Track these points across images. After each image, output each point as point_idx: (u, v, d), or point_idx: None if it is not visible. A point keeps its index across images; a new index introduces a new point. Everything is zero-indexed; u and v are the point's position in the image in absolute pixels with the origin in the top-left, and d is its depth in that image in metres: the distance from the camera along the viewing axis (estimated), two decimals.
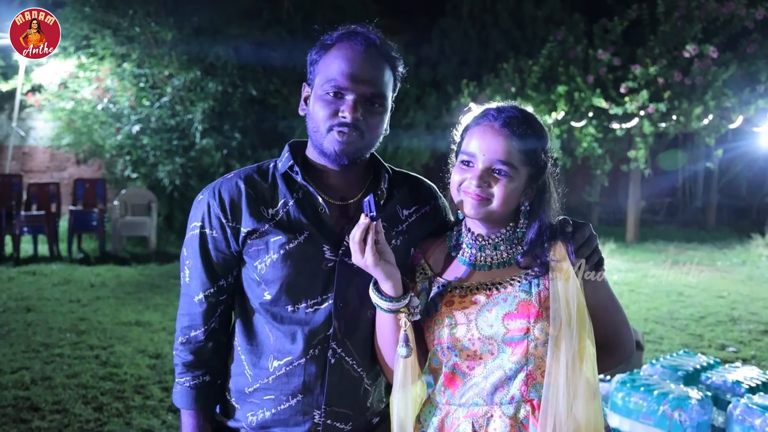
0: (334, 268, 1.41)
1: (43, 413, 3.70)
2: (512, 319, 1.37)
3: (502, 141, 1.38)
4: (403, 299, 1.36)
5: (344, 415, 1.44)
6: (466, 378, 1.41)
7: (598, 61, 10.53)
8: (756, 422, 3.00)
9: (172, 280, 7.60)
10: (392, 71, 1.42)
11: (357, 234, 1.31)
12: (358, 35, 1.39)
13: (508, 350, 1.38)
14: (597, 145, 10.91)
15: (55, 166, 11.35)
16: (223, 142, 10.49)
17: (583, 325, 1.36)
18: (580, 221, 1.47)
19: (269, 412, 1.41)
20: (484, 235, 1.46)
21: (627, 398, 3.31)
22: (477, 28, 12.99)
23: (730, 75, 9.97)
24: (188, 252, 1.45)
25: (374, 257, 1.31)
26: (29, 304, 6.15)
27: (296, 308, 1.40)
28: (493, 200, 1.39)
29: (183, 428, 1.47)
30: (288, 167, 1.45)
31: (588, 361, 1.37)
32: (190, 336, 1.46)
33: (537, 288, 1.39)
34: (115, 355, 4.74)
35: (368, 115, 1.38)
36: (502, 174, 1.38)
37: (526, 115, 1.43)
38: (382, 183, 1.49)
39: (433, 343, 1.44)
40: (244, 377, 1.43)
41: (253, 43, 10.47)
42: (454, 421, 1.41)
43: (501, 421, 1.37)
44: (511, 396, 1.38)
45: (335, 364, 1.41)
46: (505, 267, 1.44)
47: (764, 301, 7.42)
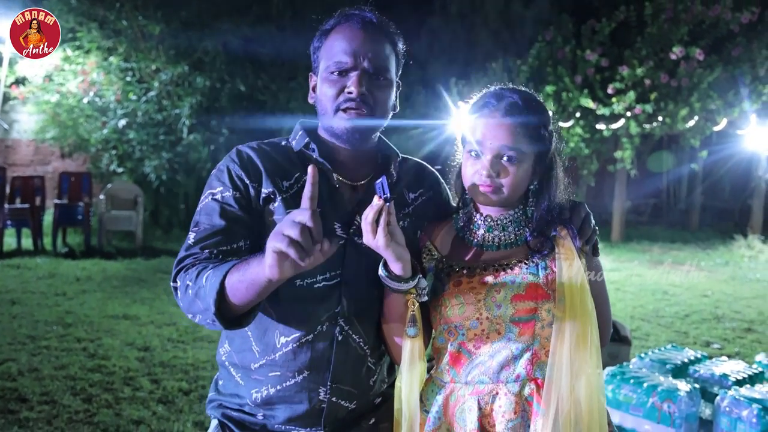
0: (344, 247, 1.42)
1: (32, 404, 3.64)
2: (521, 300, 1.40)
3: (506, 129, 1.41)
4: (411, 280, 1.37)
5: (348, 393, 1.44)
6: (472, 357, 1.43)
7: (585, 62, 10.63)
8: (743, 413, 3.07)
9: (159, 274, 7.54)
10: (392, 46, 1.45)
11: (370, 215, 1.31)
12: (355, 16, 1.42)
13: (516, 330, 1.40)
14: (584, 145, 11.01)
15: (39, 159, 11.23)
16: (211, 138, 10.44)
17: (586, 306, 1.39)
18: (576, 201, 1.49)
19: (274, 389, 1.41)
20: (494, 216, 1.49)
21: (617, 390, 3.36)
22: (466, 27, 13.08)
23: (715, 77, 10.12)
24: (201, 217, 1.40)
25: (386, 238, 1.31)
26: (14, 297, 6.06)
27: (305, 283, 1.39)
28: (504, 188, 1.42)
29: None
30: (303, 145, 1.46)
31: (592, 343, 1.39)
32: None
33: (544, 271, 1.42)
34: (103, 348, 4.69)
35: (374, 88, 1.40)
36: (510, 161, 1.41)
37: (525, 98, 1.46)
38: (392, 166, 1.51)
39: (440, 323, 1.45)
40: (251, 353, 1.42)
41: (241, 38, 10.43)
42: (459, 398, 1.43)
43: (506, 398, 1.39)
44: (516, 374, 1.40)
45: (342, 341, 1.41)
46: (512, 248, 1.47)
47: (747, 300, 7.53)
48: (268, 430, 1.44)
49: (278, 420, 1.43)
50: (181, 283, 1.31)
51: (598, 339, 1.41)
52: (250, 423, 1.45)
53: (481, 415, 1.40)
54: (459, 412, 1.42)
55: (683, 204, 15.99)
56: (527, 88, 1.51)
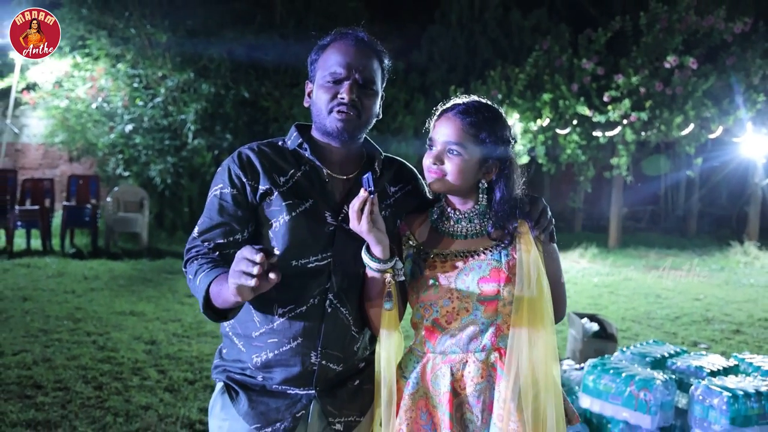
0: (334, 232, 1.65)
1: (46, 390, 3.87)
2: (485, 283, 1.63)
3: (454, 126, 1.65)
4: (389, 262, 1.60)
5: (336, 358, 1.66)
6: (444, 331, 1.66)
7: (582, 71, 10.74)
8: (714, 402, 3.23)
9: (164, 274, 7.75)
10: (379, 62, 1.70)
11: (356, 204, 1.55)
12: (349, 34, 1.67)
13: (481, 308, 1.63)
14: (581, 152, 11.10)
15: (47, 163, 11.47)
16: (215, 143, 10.66)
17: (542, 287, 1.62)
18: (534, 195, 1.72)
19: (272, 353, 1.63)
20: (462, 210, 1.72)
21: (597, 380, 3.53)
22: (465, 36, 13.22)
23: (709, 86, 10.22)
24: (205, 211, 1.66)
25: (368, 225, 1.55)
26: (25, 294, 6.28)
27: (300, 263, 1.62)
28: (448, 176, 1.65)
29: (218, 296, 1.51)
30: (297, 144, 1.70)
31: (546, 317, 1.63)
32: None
33: (506, 257, 1.65)
34: (112, 341, 4.91)
35: (363, 96, 1.64)
36: (453, 153, 1.65)
37: (482, 105, 1.70)
38: (376, 162, 1.74)
39: (417, 301, 1.68)
40: (252, 323, 1.65)
41: (246, 46, 10.67)
42: (434, 366, 1.66)
43: (474, 365, 1.63)
44: (482, 345, 1.64)
45: (331, 313, 1.64)
46: (478, 237, 1.70)
47: (738, 304, 7.63)
48: (266, 389, 1.66)
49: (275, 381, 1.65)
50: (187, 272, 1.61)
51: (552, 314, 1.64)
52: (251, 384, 1.67)
53: (453, 380, 1.63)
54: (434, 377, 1.65)
55: (680, 211, 16.08)
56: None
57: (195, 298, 5.57)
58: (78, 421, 3.48)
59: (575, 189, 13.90)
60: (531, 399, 1.58)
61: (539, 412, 1.58)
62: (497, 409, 1.60)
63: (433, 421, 1.64)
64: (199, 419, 3.58)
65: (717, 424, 3.16)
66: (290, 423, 1.64)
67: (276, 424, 1.63)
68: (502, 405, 1.59)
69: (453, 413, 1.61)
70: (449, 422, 1.60)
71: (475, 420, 1.62)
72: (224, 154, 10.42)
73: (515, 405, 1.57)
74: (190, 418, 3.58)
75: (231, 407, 1.65)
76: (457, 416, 1.62)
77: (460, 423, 1.63)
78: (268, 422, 1.63)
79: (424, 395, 1.66)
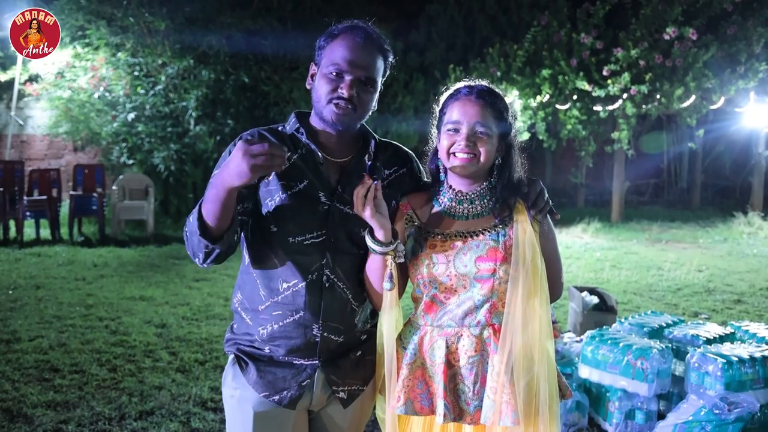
0: (327, 211, 1.74)
1: (63, 373, 4.01)
2: (483, 262, 1.72)
3: (480, 108, 1.73)
4: (391, 245, 1.69)
5: (336, 329, 1.76)
6: (442, 306, 1.75)
7: (581, 45, 10.72)
8: (709, 368, 3.33)
9: (171, 260, 7.88)
10: (384, 60, 1.77)
11: (361, 191, 1.64)
12: (359, 29, 1.73)
13: (478, 285, 1.72)
14: (581, 127, 11.10)
15: (52, 153, 11.56)
16: (216, 129, 10.74)
17: (537, 266, 1.71)
18: (532, 178, 1.80)
19: (277, 325, 1.74)
20: (463, 191, 1.80)
21: (596, 351, 3.63)
22: (463, 14, 13.14)
23: (710, 57, 10.17)
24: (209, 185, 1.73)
25: (371, 210, 1.64)
26: (38, 282, 6.43)
27: (296, 240, 1.72)
28: (481, 157, 1.73)
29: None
30: (295, 129, 1.80)
31: (541, 296, 1.71)
32: None
33: (503, 238, 1.73)
34: (124, 325, 5.04)
35: (362, 93, 1.72)
36: (483, 134, 1.72)
37: (491, 89, 1.79)
38: (370, 147, 1.83)
39: (417, 278, 1.77)
40: (259, 297, 1.75)
41: (244, 31, 10.70)
42: (431, 338, 1.76)
43: (468, 339, 1.73)
44: (477, 321, 1.73)
45: (329, 287, 1.74)
46: (478, 218, 1.78)
47: (740, 274, 7.72)
48: (274, 360, 1.77)
49: (281, 352, 1.76)
50: (184, 233, 1.67)
51: (547, 293, 1.72)
52: (260, 355, 1.78)
53: (448, 352, 1.73)
54: (430, 349, 1.75)
55: (684, 183, 16.07)
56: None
57: (202, 283, 5.72)
58: (95, 402, 3.62)
59: (577, 164, 13.92)
60: (524, 373, 1.66)
61: (532, 386, 1.67)
62: (490, 382, 1.69)
63: (429, 391, 1.74)
64: (210, 397, 3.71)
65: (712, 390, 3.25)
66: (296, 391, 1.75)
67: (283, 392, 1.74)
68: (495, 378, 1.68)
69: (447, 384, 1.71)
70: (443, 392, 1.70)
71: (467, 391, 1.72)
72: (226, 139, 10.51)
73: (508, 378, 1.66)
74: (201, 397, 3.71)
75: (241, 377, 1.76)
76: (451, 387, 1.72)
77: (454, 393, 1.72)
78: (276, 390, 1.74)
79: (421, 366, 1.75)
